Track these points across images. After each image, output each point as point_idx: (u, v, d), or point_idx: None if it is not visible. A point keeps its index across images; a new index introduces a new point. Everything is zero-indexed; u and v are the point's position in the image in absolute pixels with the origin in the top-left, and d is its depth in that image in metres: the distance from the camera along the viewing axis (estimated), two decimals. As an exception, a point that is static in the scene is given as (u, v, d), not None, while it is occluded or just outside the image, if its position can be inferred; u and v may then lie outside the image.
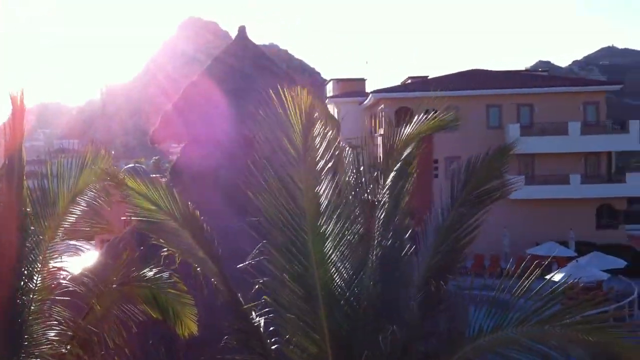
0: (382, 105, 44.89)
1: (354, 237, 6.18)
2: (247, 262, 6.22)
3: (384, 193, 6.82)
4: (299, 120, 5.78)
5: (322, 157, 5.92)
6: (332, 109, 50.31)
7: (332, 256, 6.07)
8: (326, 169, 5.93)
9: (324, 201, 5.91)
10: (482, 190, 7.48)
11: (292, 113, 5.77)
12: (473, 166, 7.51)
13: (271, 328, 6.44)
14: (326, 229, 5.96)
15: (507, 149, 7.37)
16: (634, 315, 26.07)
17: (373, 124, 48.13)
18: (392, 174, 6.92)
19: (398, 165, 6.97)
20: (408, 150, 7.14)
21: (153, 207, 6.43)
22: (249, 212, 5.98)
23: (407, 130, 7.23)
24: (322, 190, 5.89)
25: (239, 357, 6.38)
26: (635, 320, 25.68)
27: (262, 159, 5.87)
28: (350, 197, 6.47)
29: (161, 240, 6.53)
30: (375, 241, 6.71)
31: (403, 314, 6.57)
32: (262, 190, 5.86)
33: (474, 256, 33.86)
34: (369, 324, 6.39)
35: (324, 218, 5.92)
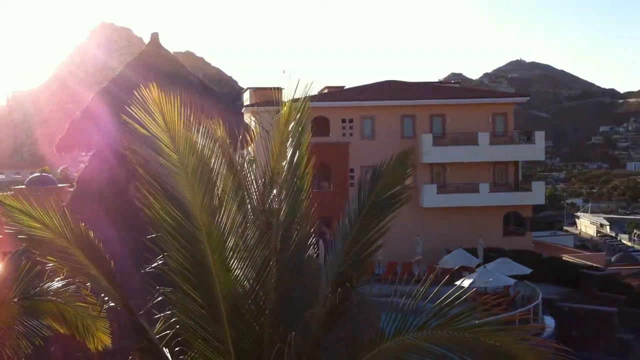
0: (299, 115, 45.10)
1: (254, 247, 6.19)
2: (148, 270, 6.11)
3: (284, 201, 6.84)
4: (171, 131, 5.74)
5: (216, 171, 5.91)
6: (249, 118, 50.12)
7: (232, 266, 6.06)
8: (219, 180, 5.93)
9: (222, 213, 5.91)
10: (387, 197, 7.55)
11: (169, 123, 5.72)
12: (378, 173, 7.61)
13: (177, 339, 6.34)
14: (224, 239, 5.95)
15: (407, 155, 7.51)
16: (538, 319, 27.12)
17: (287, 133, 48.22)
18: (290, 181, 6.93)
19: (297, 172, 7.00)
20: (291, 151, 7.14)
21: (38, 225, 6.32)
22: (149, 224, 5.90)
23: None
24: (216, 202, 5.89)
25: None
26: (539, 324, 26.74)
27: (148, 170, 5.79)
28: (249, 207, 6.47)
29: (49, 257, 6.39)
30: (278, 251, 6.71)
31: (308, 322, 6.60)
32: (157, 202, 5.79)
33: (387, 263, 34.44)
34: (274, 334, 6.40)
35: (221, 229, 5.91)
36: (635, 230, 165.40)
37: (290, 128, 7.15)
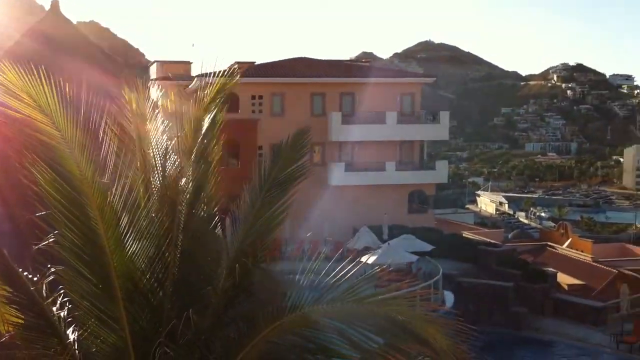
0: (208, 90, 44.44)
1: (151, 224, 6.09)
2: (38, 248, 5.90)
3: (189, 178, 6.77)
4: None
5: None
6: (155, 92, 48.93)
7: (128, 243, 5.95)
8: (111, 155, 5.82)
9: (115, 189, 5.79)
10: (288, 173, 7.61)
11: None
12: (278, 151, 7.66)
13: (69, 319, 6.17)
14: (117, 216, 5.84)
15: (305, 132, 7.61)
16: (439, 293, 28.09)
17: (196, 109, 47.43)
18: (196, 157, 6.87)
19: (203, 148, 6.94)
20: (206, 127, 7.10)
21: None
22: (38, 201, 5.71)
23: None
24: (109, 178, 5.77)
25: (33, 352, 6.05)
26: (439, 298, 27.72)
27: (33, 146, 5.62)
28: (152, 184, 6.36)
29: None
30: (181, 228, 6.64)
31: (208, 300, 6.58)
32: (45, 179, 5.61)
33: (295, 241, 34.65)
34: (172, 311, 6.34)
35: (114, 206, 5.80)
36: (531, 208, 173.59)
37: (201, 103, 7.07)
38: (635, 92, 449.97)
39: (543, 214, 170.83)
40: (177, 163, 6.84)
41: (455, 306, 28.09)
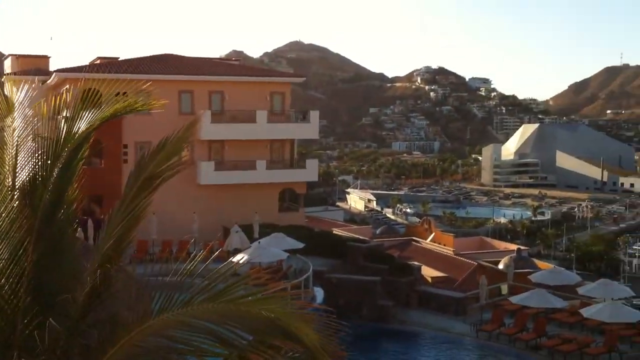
0: (68, 86, 42.42)
1: (6, 227, 5.72)
2: None
3: (48, 179, 6.42)
4: None
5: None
6: (10, 88, 46.09)
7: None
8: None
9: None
10: (157, 173, 7.39)
11: None
12: (146, 153, 7.44)
13: None
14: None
15: (188, 131, 7.44)
16: (309, 290, 28.43)
17: (56, 106, 45.16)
18: (55, 157, 6.53)
19: (63, 147, 6.60)
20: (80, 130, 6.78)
21: None
22: None
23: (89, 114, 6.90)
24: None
25: None
26: (310, 294, 28.05)
27: None
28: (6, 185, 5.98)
29: None
30: (38, 231, 6.29)
31: (66, 306, 6.27)
32: None
33: (162, 242, 33.92)
34: (28, 318, 6.01)
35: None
36: (398, 205, 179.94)
37: (59, 100, 6.70)
38: (492, 94, 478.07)
39: (409, 210, 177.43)
40: (35, 163, 6.48)
41: (325, 302, 28.51)
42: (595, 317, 27.21)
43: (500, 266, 40.83)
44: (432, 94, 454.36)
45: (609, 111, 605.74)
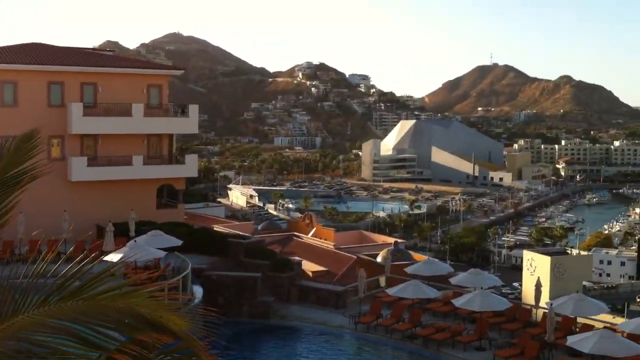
0: None
1: None
2: None
3: None
4: None
5: None
6: None
7: None
8: None
9: None
10: (14, 174, 7.01)
11: None
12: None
13: None
14: None
15: (34, 134, 7.11)
16: (187, 288, 27.78)
17: None
18: None
19: None
20: None
21: None
22: None
23: None
24: None
25: None
26: (188, 293, 27.41)
27: None
28: None
29: None
30: None
31: None
32: None
33: (29, 242, 32.02)
34: None
35: None
36: (280, 200, 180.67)
37: None
38: (372, 91, 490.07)
39: (291, 205, 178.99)
40: None
41: (204, 299, 28.04)
42: (466, 307, 28.32)
43: (379, 259, 41.73)
44: (313, 89, 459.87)
45: (479, 108, 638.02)
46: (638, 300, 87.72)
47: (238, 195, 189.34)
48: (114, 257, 26.01)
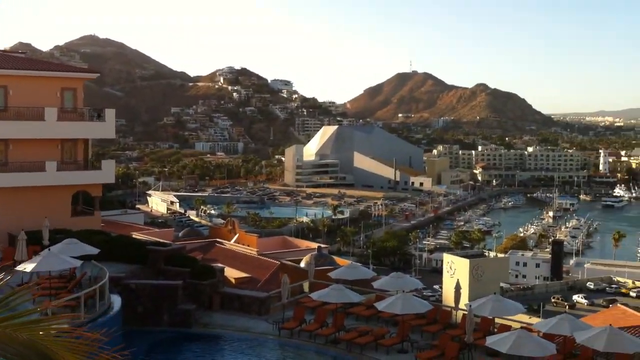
0: None
1: None
2: None
3: None
4: None
5: None
6: None
7: None
8: None
9: None
10: None
11: None
12: None
13: None
14: None
15: None
16: (105, 298, 26.82)
17: None
18: None
19: None
20: None
21: None
22: None
23: None
24: None
25: None
26: (105, 303, 26.47)
27: None
28: None
29: None
30: None
31: None
32: None
33: None
34: None
35: None
36: (202, 206, 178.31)
37: None
38: (294, 96, 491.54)
39: (213, 212, 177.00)
40: None
41: (123, 309, 27.16)
42: (388, 310, 28.52)
43: (302, 264, 41.63)
44: (235, 94, 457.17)
45: (400, 115, 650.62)
46: (553, 300, 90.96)
47: (158, 202, 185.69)
48: (26, 266, 24.92)
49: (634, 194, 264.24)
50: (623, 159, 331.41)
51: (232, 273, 39.21)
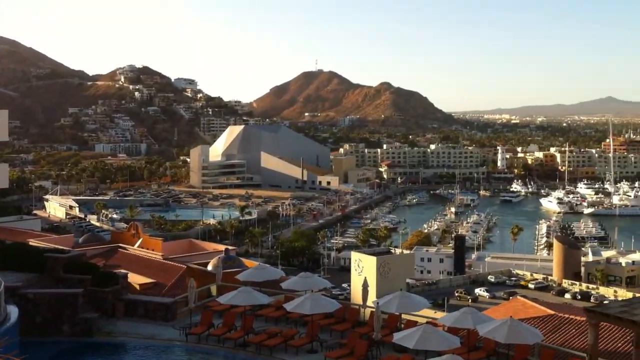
0: None
1: None
2: None
3: None
4: None
5: None
6: None
7: None
8: None
9: None
10: None
11: None
12: None
13: None
14: None
15: None
16: (0, 309, 25.42)
17: None
18: None
19: None
20: None
21: None
22: None
23: None
24: None
25: None
26: (1, 314, 25.09)
27: None
28: None
29: None
30: None
31: None
32: None
33: None
34: None
35: None
36: (103, 211, 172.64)
37: None
38: (199, 95, 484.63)
39: (115, 216, 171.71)
40: None
41: (20, 320, 25.83)
42: (297, 310, 28.45)
43: (209, 267, 41.02)
44: (137, 93, 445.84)
45: (306, 114, 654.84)
46: (456, 294, 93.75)
47: (56, 207, 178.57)
48: None
49: (530, 189, 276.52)
50: (519, 155, 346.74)
51: (136, 279, 38.18)
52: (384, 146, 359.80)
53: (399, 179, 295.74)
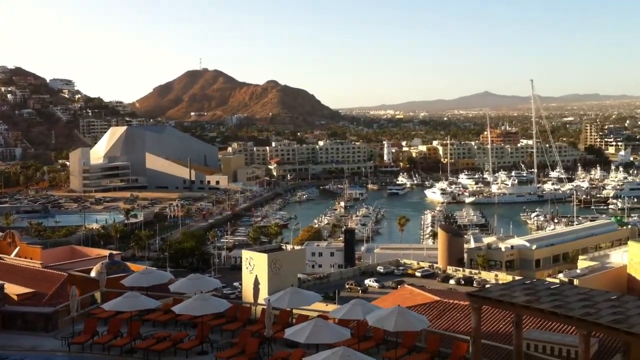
0: None
1: None
2: None
3: None
4: None
5: None
6: None
7: None
8: None
9: None
10: None
11: None
12: None
13: None
14: None
15: None
16: None
17: None
18: None
19: None
20: None
21: None
22: None
23: None
24: None
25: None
26: None
27: None
28: None
29: None
30: None
31: None
32: None
33: None
34: None
35: None
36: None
37: None
38: (77, 96, 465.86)
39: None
40: None
41: None
42: (186, 312, 27.83)
43: (93, 274, 39.50)
44: (9, 95, 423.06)
45: (192, 113, 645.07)
46: (347, 286, 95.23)
47: None
48: None
49: (415, 181, 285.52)
50: (404, 149, 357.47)
51: (13, 289, 36.10)
52: (273, 144, 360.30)
53: (288, 176, 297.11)
